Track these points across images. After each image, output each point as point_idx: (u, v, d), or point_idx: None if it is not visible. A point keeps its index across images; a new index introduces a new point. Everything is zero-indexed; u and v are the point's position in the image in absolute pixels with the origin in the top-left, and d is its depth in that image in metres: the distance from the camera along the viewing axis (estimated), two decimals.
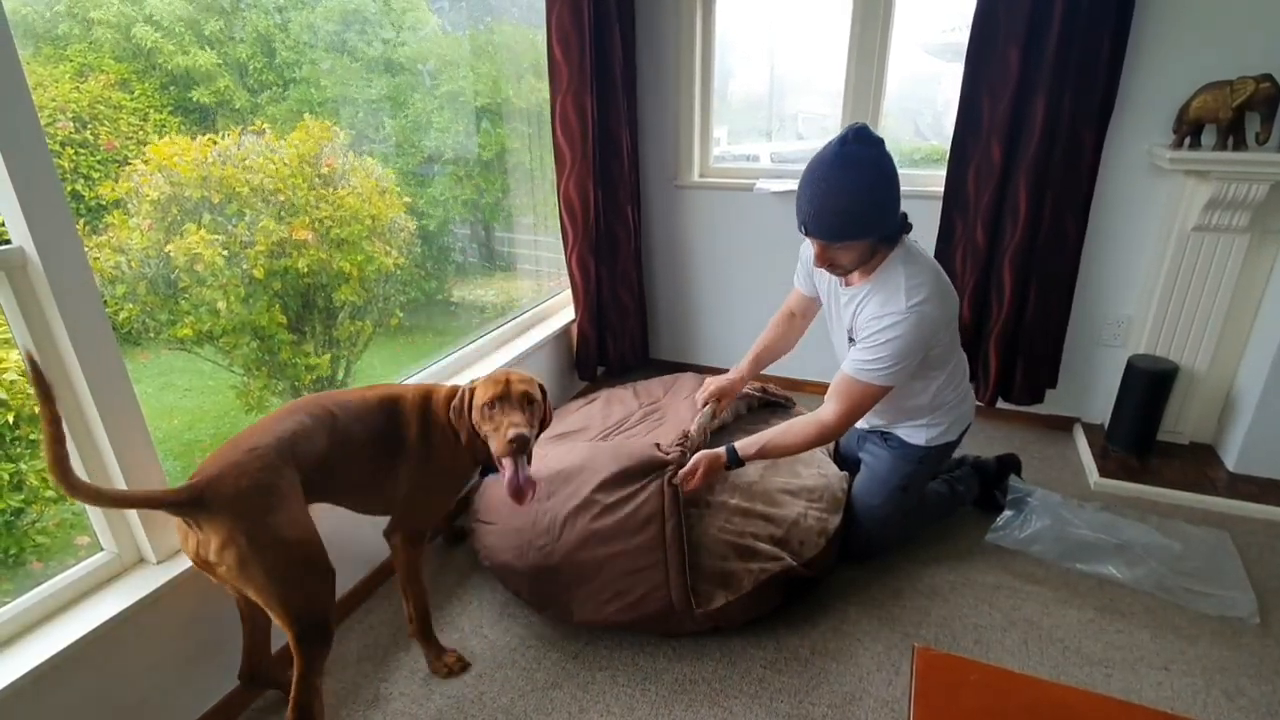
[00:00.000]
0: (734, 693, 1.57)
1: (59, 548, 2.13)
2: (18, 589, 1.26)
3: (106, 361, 1.23)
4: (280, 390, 3.16)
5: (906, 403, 1.81)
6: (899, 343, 1.51)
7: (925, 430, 1.84)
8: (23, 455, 2.04)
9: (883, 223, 1.51)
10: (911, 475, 1.88)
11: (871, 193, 1.46)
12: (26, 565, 2.06)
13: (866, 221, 1.48)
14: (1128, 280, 2.46)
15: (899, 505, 1.89)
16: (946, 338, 1.67)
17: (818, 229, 1.51)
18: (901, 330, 1.50)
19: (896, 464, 1.87)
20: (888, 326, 1.52)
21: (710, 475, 1.70)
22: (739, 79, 3.34)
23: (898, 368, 1.53)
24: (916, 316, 1.50)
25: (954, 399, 1.82)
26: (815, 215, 1.48)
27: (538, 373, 2.66)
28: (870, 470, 1.93)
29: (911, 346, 1.52)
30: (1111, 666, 1.64)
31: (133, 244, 2.76)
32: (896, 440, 1.89)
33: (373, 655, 1.69)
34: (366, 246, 3.04)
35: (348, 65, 3.63)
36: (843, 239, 1.51)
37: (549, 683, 1.61)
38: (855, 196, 1.44)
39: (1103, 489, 2.30)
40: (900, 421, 1.88)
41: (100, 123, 3.29)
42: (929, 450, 1.86)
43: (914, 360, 1.56)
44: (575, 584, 1.66)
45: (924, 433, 1.84)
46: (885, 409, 1.81)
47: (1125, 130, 2.28)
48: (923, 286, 1.52)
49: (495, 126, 3.57)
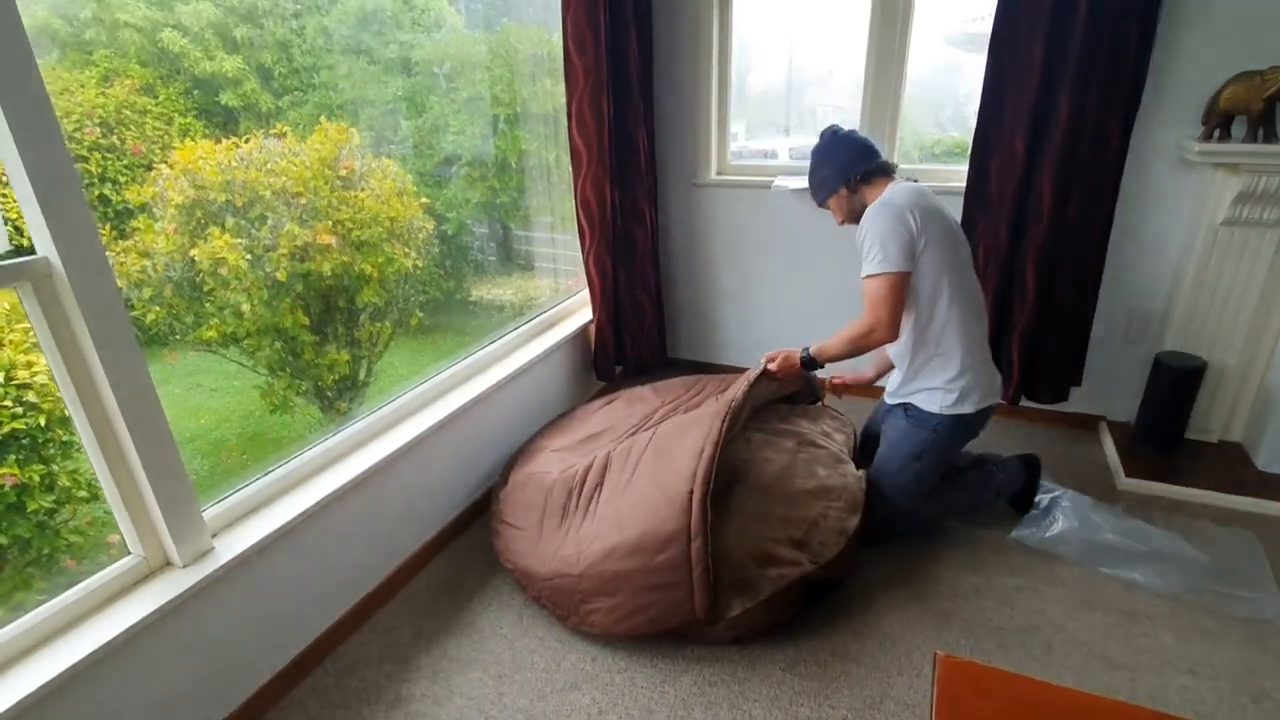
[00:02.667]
0: (754, 696, 1.57)
1: (91, 546, 2.18)
2: (52, 587, 1.29)
3: (131, 369, 1.25)
4: (303, 390, 3.21)
5: (920, 341, 1.87)
6: (871, 231, 1.78)
7: (940, 395, 1.86)
8: (54, 457, 2.09)
9: (836, 179, 1.91)
10: (925, 443, 1.90)
11: (817, 165, 1.95)
12: (61, 564, 2.11)
13: (822, 182, 1.95)
14: (1155, 276, 2.41)
15: (914, 475, 1.91)
16: (930, 251, 1.77)
17: (813, 199, 2.03)
18: (869, 223, 1.80)
19: (911, 431, 1.92)
20: (863, 229, 1.83)
21: (787, 367, 2.00)
22: (757, 73, 3.31)
23: (883, 252, 1.75)
24: (876, 207, 1.81)
25: (966, 362, 1.84)
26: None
27: (556, 373, 2.69)
28: (888, 440, 1.99)
29: (884, 230, 1.76)
30: (1136, 670, 1.61)
31: (158, 248, 2.81)
32: (915, 410, 1.93)
33: (393, 656, 1.71)
34: (386, 248, 3.07)
35: (365, 68, 3.66)
36: (820, 200, 1.99)
37: (568, 684, 1.62)
38: (809, 171, 2.00)
39: (1129, 488, 2.26)
40: (918, 381, 1.91)
41: (126, 127, 3.35)
42: (943, 419, 1.87)
43: (896, 244, 1.74)
44: (596, 596, 1.66)
45: (939, 398, 1.87)
46: (904, 355, 1.93)
47: (1153, 122, 2.23)
48: (883, 199, 1.83)
49: (512, 129, 3.58)
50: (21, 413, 1.96)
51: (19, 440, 1.98)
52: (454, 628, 1.79)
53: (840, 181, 1.89)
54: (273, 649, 1.59)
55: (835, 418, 2.26)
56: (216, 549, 1.44)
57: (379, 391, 3.31)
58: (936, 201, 1.83)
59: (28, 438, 2.00)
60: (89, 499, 2.19)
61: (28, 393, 1.97)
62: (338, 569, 1.74)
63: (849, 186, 1.89)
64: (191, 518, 1.40)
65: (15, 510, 2.00)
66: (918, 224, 1.74)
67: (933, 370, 1.87)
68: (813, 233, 2.82)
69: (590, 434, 2.12)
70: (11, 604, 2.03)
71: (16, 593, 2.02)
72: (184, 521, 1.38)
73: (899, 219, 1.75)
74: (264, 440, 3.44)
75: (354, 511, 1.76)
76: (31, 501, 2.02)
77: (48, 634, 1.24)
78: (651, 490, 1.70)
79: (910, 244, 1.75)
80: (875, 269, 1.77)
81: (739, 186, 2.90)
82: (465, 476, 2.18)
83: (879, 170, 1.88)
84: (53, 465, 2.08)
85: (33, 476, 2.01)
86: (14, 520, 2.00)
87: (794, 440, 2.07)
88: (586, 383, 2.88)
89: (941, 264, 1.78)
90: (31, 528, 2.05)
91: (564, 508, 1.84)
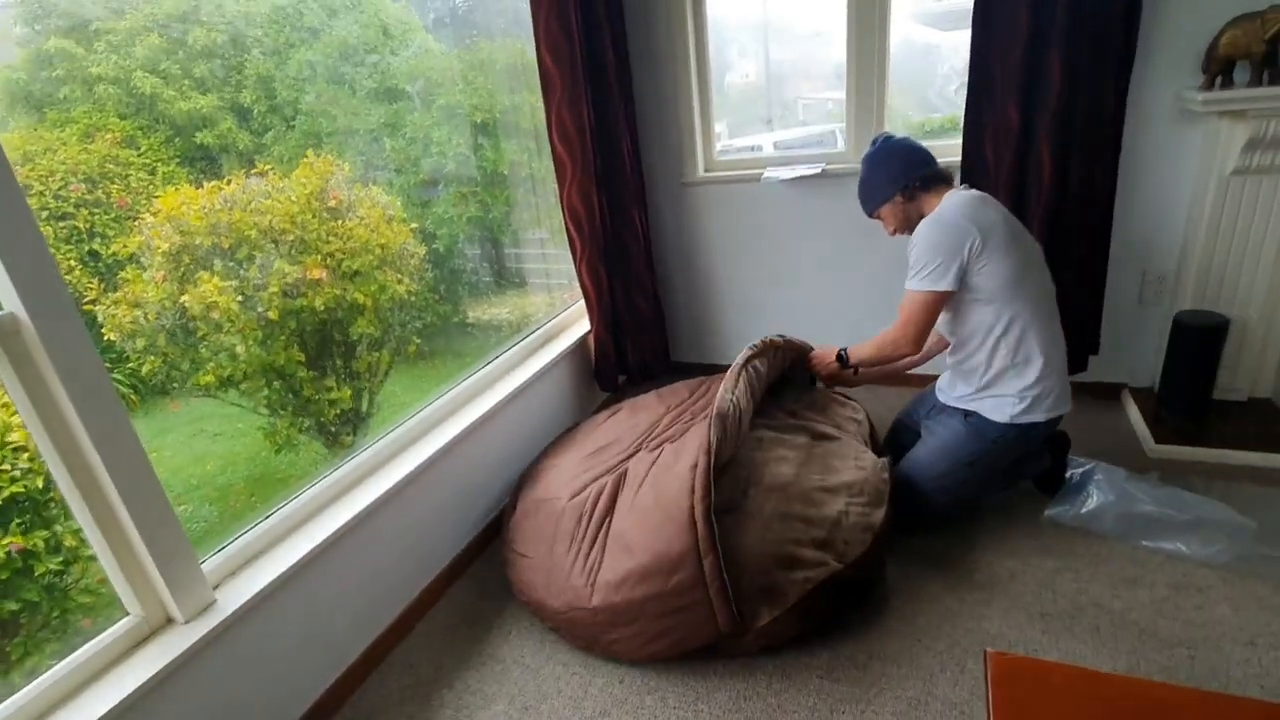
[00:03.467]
0: (791, 706, 1.50)
1: (104, 604, 2.13)
2: (66, 649, 1.24)
3: (112, 423, 1.20)
4: (306, 427, 3.17)
5: (971, 346, 1.82)
6: (921, 246, 1.75)
7: (1012, 403, 1.79)
8: (56, 518, 2.04)
9: (891, 185, 1.84)
10: (981, 454, 1.83)
11: (870, 173, 1.90)
12: (75, 624, 2.06)
13: (875, 189, 1.89)
14: (1166, 234, 2.33)
15: (960, 479, 1.85)
16: (995, 265, 1.69)
17: (863, 210, 1.98)
18: (920, 237, 1.76)
19: (969, 439, 1.85)
20: (914, 242, 1.79)
21: (823, 365, 2.13)
22: (735, 70, 3.27)
23: (929, 268, 1.72)
24: (931, 221, 1.76)
25: (1044, 370, 1.76)
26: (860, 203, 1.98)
27: (558, 388, 2.63)
28: (939, 439, 1.90)
29: (933, 247, 1.71)
30: (1193, 646, 1.53)
31: (149, 297, 2.77)
32: (977, 418, 1.85)
33: (414, 696, 1.65)
34: (379, 275, 3.03)
35: (347, 97, 3.64)
36: (871, 208, 1.94)
37: (598, 711, 1.55)
38: (861, 180, 1.93)
39: (1161, 456, 2.17)
40: (989, 390, 1.83)
41: (111, 180, 3.32)
42: (1008, 430, 1.80)
43: (943, 263, 1.70)
44: (614, 627, 1.59)
45: (1009, 406, 1.79)
46: (963, 362, 1.88)
47: (1150, 75, 2.16)
48: (939, 212, 1.78)
49: (495, 143, 3.54)
50: (19, 475, 1.92)
51: (19, 504, 1.94)
52: (474, 660, 1.73)
53: (896, 188, 1.83)
54: (287, 700, 1.52)
55: (845, 404, 2.19)
56: (219, 601, 1.38)
57: (382, 422, 3.27)
58: (997, 207, 1.76)
59: (28, 500, 1.95)
60: (96, 557, 2.14)
61: (22, 456, 1.93)
62: (349, 609, 1.68)
63: (905, 194, 1.83)
64: (190, 571, 1.34)
65: (23, 575, 1.95)
66: (975, 238, 1.68)
67: (1007, 380, 1.79)
68: (808, 224, 2.76)
69: (597, 448, 2.05)
70: (25, 669, 1.99)
71: (29, 658, 1.98)
72: (182, 575, 1.32)
73: (952, 237, 1.69)
74: (270, 480, 3.40)
75: (361, 548, 1.70)
76: (39, 565, 1.97)
77: (53, 702, 1.19)
78: (654, 511, 1.63)
79: (960, 263, 1.70)
80: (915, 285, 1.76)
81: (729, 182, 2.84)
82: (474, 502, 2.12)
83: (938, 177, 1.82)
84: (55, 526, 2.04)
85: (37, 541, 1.97)
86: (22, 585, 1.96)
87: (806, 435, 2.00)
88: (590, 395, 2.82)
89: (1007, 273, 1.70)
90: (40, 591, 2.00)
91: (572, 534, 1.76)
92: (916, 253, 1.75)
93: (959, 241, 1.68)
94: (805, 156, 2.75)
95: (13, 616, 1.98)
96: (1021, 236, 1.77)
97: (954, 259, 1.69)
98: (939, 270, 1.70)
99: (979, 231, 1.68)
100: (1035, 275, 1.77)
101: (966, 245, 1.68)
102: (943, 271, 1.70)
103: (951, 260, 1.69)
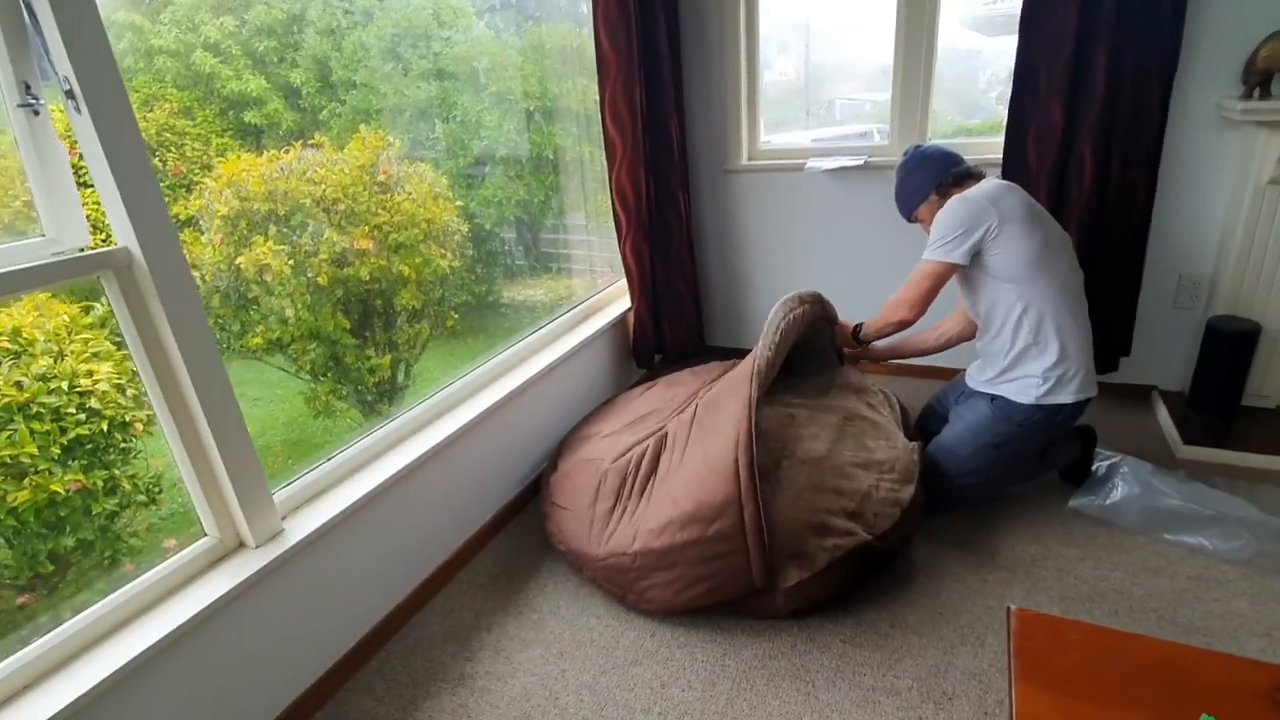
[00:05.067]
0: (815, 668, 1.57)
1: (148, 550, 2.25)
2: (110, 590, 1.33)
3: (205, 353, 1.30)
4: (344, 394, 3.27)
5: (995, 326, 1.88)
6: (940, 219, 1.84)
7: (1036, 384, 1.83)
8: (114, 462, 2.15)
9: (928, 183, 1.93)
10: (1006, 436, 1.88)
11: (905, 178, 2.00)
12: (121, 567, 2.18)
13: (914, 190, 1.98)
14: (1202, 239, 2.36)
15: (987, 460, 1.90)
16: (1014, 246, 1.76)
17: (901, 215, 2.08)
18: (942, 213, 1.84)
19: (995, 422, 1.90)
20: (937, 217, 1.87)
21: (840, 333, 2.23)
22: (773, 68, 3.32)
23: (942, 243, 1.81)
24: (955, 199, 1.84)
25: (1066, 350, 1.81)
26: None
27: (597, 361, 2.72)
28: (964, 422, 1.96)
29: (951, 221, 1.80)
30: (1210, 635, 1.57)
31: (205, 259, 2.89)
32: (1003, 401, 1.90)
33: (456, 637, 1.74)
34: (423, 249, 3.13)
35: (400, 76, 3.75)
36: (909, 210, 2.02)
37: (629, 660, 1.63)
38: (897, 186, 2.04)
39: (1189, 457, 2.20)
40: (1012, 372, 1.88)
41: (167, 149, 3.46)
42: (1034, 412, 1.84)
43: (957, 236, 1.79)
44: (653, 572, 1.67)
45: (1033, 387, 1.84)
46: (988, 344, 1.93)
47: (1192, 83, 2.19)
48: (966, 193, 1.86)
49: (546, 124, 3.63)
50: (84, 419, 2.03)
51: (83, 446, 2.05)
52: (512, 608, 1.82)
53: (932, 186, 1.92)
54: (340, 630, 1.63)
55: (878, 392, 2.25)
56: (286, 530, 1.49)
57: (416, 394, 3.38)
58: (1022, 195, 1.84)
59: (91, 443, 2.07)
60: (147, 503, 2.26)
61: (90, 399, 2.04)
62: (399, 552, 1.78)
63: (939, 192, 1.92)
64: (262, 500, 1.44)
65: (81, 514, 2.07)
66: (993, 221, 1.76)
67: (1030, 361, 1.85)
68: (847, 215, 2.81)
69: (637, 417, 2.13)
70: (74, 605, 2.11)
71: (79, 594, 2.09)
72: (256, 503, 1.42)
73: (970, 212, 1.78)
74: (307, 445, 3.51)
75: (410, 497, 1.80)
76: (96, 505, 2.09)
77: (142, 606, 1.30)
78: (701, 467, 1.71)
79: (974, 240, 1.78)
80: (927, 254, 1.86)
81: (771, 171, 2.91)
82: (514, 464, 2.21)
83: (969, 174, 1.91)
84: (114, 470, 2.15)
85: (96, 481, 2.08)
86: (80, 523, 2.07)
87: (839, 415, 2.06)
88: (627, 371, 2.90)
89: (1027, 255, 1.77)
90: (95, 530, 2.12)
91: (618, 492, 1.85)
92: (936, 225, 1.84)
93: (977, 220, 1.77)
94: (849, 148, 2.80)
95: (67, 552, 2.10)
96: (1044, 222, 1.83)
97: (969, 235, 1.77)
98: (953, 243, 1.79)
99: (998, 214, 1.76)
100: (1057, 260, 1.82)
101: (984, 225, 1.76)
102: (955, 245, 1.79)
103: (966, 236, 1.78)
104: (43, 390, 1.92)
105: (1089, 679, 0.97)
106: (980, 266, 1.82)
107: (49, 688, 1.13)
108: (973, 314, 1.99)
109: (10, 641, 1.18)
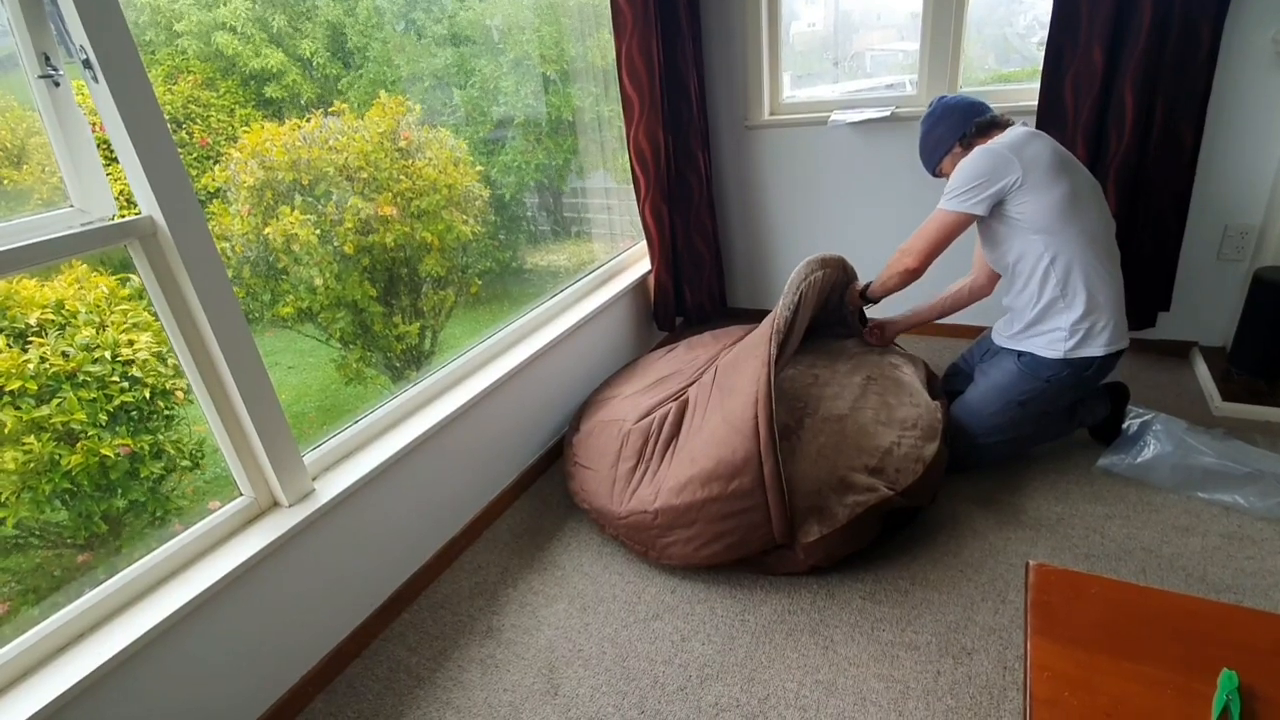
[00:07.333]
0: (834, 623, 1.58)
1: (195, 511, 2.35)
2: (156, 547, 1.40)
3: (231, 317, 1.34)
4: (374, 361, 3.34)
5: (1021, 279, 1.82)
6: (960, 169, 1.78)
7: (1064, 338, 1.78)
8: (158, 428, 2.24)
9: (951, 135, 1.88)
10: (1033, 393, 1.85)
11: (928, 131, 1.94)
12: (170, 526, 2.29)
13: (937, 142, 1.92)
14: (1251, 186, 2.24)
15: (1013, 418, 1.87)
16: (1040, 196, 1.70)
17: (926, 169, 2.03)
18: (963, 162, 1.79)
19: (1021, 378, 1.87)
20: (958, 167, 1.82)
21: (851, 297, 2.19)
22: (801, 19, 3.20)
23: (959, 192, 1.77)
24: (977, 150, 1.78)
25: (1094, 301, 1.75)
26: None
27: (618, 324, 2.72)
28: (990, 379, 1.93)
29: (971, 172, 1.75)
30: (1242, 593, 1.54)
31: (234, 230, 2.95)
32: (1030, 357, 1.86)
33: (483, 592, 1.80)
34: (445, 215, 3.14)
35: (414, 43, 3.72)
36: (933, 164, 1.97)
37: (650, 614, 1.66)
38: (920, 140, 1.99)
39: (1226, 414, 2.14)
40: (1039, 325, 1.83)
41: (193, 121, 3.51)
42: (1061, 367, 1.80)
43: (974, 187, 1.74)
44: (674, 529, 1.69)
45: (1061, 341, 1.79)
46: (1015, 297, 1.87)
47: (1246, 18, 2.06)
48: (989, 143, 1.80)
49: (564, 85, 3.58)
50: (128, 387, 2.11)
51: (128, 413, 2.14)
52: (537, 565, 1.87)
53: (955, 138, 1.87)
54: (372, 585, 1.69)
55: (901, 353, 2.22)
56: (317, 490, 1.54)
57: (442, 361, 3.44)
58: (1047, 141, 1.76)
59: (135, 410, 2.16)
60: (191, 467, 2.35)
61: (131, 368, 2.12)
62: (427, 511, 1.83)
63: (962, 143, 1.86)
64: (293, 460, 1.49)
65: (130, 477, 2.17)
66: (1016, 169, 1.69)
67: (1057, 314, 1.79)
68: (874, 170, 2.73)
69: (658, 378, 2.14)
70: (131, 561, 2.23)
71: (135, 553, 2.21)
72: (287, 464, 1.47)
73: (992, 163, 1.72)
74: (339, 412, 3.61)
75: (436, 457, 1.84)
76: (144, 468, 2.18)
77: (185, 560, 1.37)
78: (720, 426, 1.72)
79: (995, 192, 1.72)
80: (943, 203, 1.81)
81: (793, 125, 2.83)
82: (537, 425, 2.25)
83: (994, 123, 1.84)
84: (158, 435, 2.24)
85: (143, 446, 2.17)
86: (129, 486, 2.18)
87: (862, 375, 2.04)
88: (648, 333, 2.90)
89: (1054, 204, 1.70)
90: (145, 492, 2.22)
91: (640, 452, 1.87)
92: (955, 175, 1.79)
93: (998, 172, 1.71)
94: (875, 100, 2.71)
95: (120, 514, 2.20)
96: (1072, 169, 1.75)
97: (988, 186, 1.72)
98: (969, 193, 1.74)
99: (1021, 164, 1.69)
100: (1086, 208, 1.75)
101: (1005, 177, 1.70)
102: (971, 195, 1.74)
103: (986, 186, 1.72)
104: (88, 359, 1.99)
105: (1107, 633, 0.96)
106: (1005, 218, 1.76)
107: (110, 630, 1.22)
108: (998, 268, 1.93)
109: (73, 594, 1.27)
